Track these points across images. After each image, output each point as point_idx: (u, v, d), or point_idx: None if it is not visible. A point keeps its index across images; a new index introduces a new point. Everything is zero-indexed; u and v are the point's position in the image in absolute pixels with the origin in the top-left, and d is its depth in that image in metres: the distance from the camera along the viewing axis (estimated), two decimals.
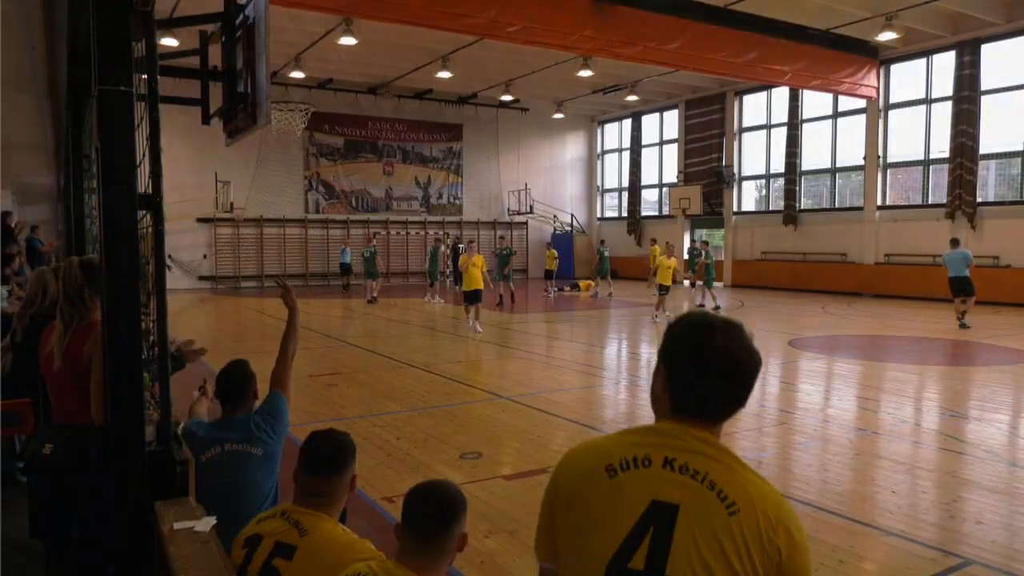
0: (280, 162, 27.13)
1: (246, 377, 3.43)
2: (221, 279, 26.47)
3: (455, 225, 30.87)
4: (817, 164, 24.91)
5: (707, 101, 28.00)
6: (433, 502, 2.11)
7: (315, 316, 17.90)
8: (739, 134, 27.34)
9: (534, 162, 32.79)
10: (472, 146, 31.25)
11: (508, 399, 8.28)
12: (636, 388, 9.18)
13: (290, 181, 27.48)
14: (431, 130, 30.28)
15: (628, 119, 31.92)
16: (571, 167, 33.94)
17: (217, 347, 12.60)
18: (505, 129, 31.75)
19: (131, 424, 2.73)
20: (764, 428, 7.14)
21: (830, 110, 24.23)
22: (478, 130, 31.20)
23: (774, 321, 16.42)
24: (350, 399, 8.32)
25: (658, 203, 31.81)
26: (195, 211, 25.37)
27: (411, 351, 12.07)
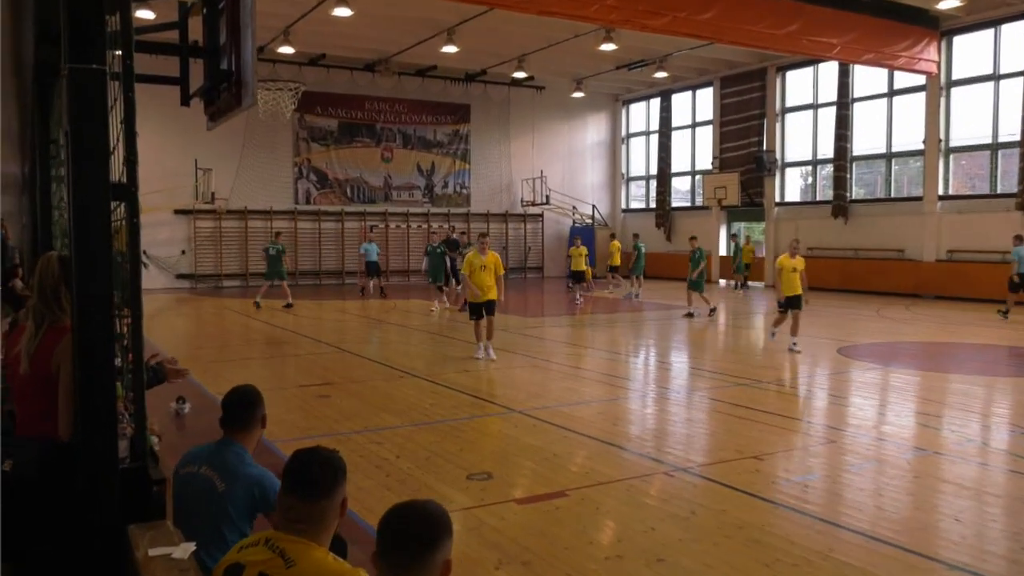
0: (267, 147, 27.28)
1: (248, 400, 3.44)
2: (201, 278, 26.64)
3: (462, 217, 30.92)
4: (870, 149, 24.75)
5: (745, 78, 27.89)
6: (411, 524, 2.08)
7: (306, 319, 17.97)
8: (782, 115, 27.20)
9: (550, 147, 32.78)
10: (481, 129, 31.29)
11: (521, 413, 8.28)
12: (665, 401, 9.15)
13: (278, 168, 27.63)
14: (435, 111, 30.36)
15: (656, 98, 31.86)
16: (592, 152, 33.91)
17: (197, 354, 12.68)
18: (518, 110, 31.76)
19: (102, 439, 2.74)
20: (810, 447, 7.10)
21: (885, 88, 24.07)
22: (487, 111, 31.23)
23: (822, 327, 16.32)
24: (344, 412, 8.35)
25: (690, 193, 31.72)
26: (173, 202, 25.54)
27: (412, 358, 12.08)
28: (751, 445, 7.02)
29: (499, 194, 31.84)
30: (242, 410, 3.40)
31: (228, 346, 13.92)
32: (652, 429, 7.88)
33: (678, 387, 10.05)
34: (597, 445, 7.07)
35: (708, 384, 10.24)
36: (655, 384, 10.39)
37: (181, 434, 7.50)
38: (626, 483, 6.00)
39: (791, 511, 5.39)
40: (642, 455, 6.76)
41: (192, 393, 8.78)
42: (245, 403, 3.42)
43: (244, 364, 11.60)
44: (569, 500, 5.56)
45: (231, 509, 3.15)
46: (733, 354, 13.08)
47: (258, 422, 3.43)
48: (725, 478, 6.08)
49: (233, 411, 3.40)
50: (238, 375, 10.63)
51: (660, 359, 12.59)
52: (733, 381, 10.16)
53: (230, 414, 3.40)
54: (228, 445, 3.33)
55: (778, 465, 6.51)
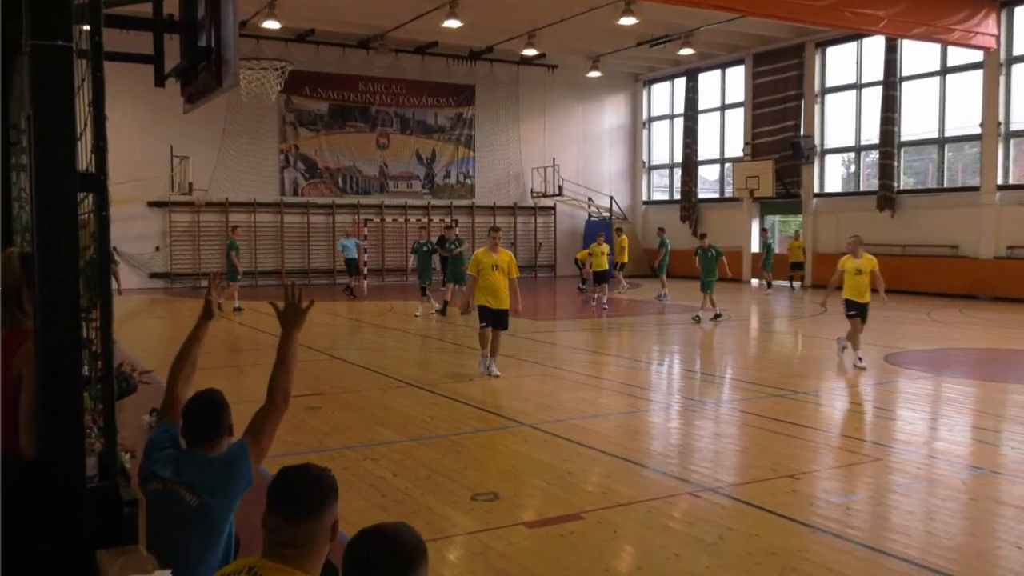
0: (250, 133, 27.37)
1: (213, 409, 3.44)
2: (177, 276, 26.75)
3: (465, 211, 30.97)
4: (920, 133, 24.66)
5: (781, 55, 27.83)
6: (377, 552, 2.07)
7: None
8: (821, 96, 27.13)
9: (564, 132, 32.79)
10: (487, 112, 31.32)
11: (531, 427, 8.28)
12: (691, 414, 9.14)
13: (262, 156, 27.72)
14: (436, 93, 30.40)
15: (681, 78, 31.82)
16: (610, 138, 33.90)
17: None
18: (528, 92, 31.78)
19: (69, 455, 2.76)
20: (854, 465, 7.08)
21: (937, 65, 23.97)
22: (494, 93, 31.27)
23: (865, 331, 16.24)
24: (336, 425, 8.37)
25: (719, 183, 31.65)
26: (146, 193, 25.64)
27: (410, 366, 12.09)
28: (787, 463, 7.00)
29: (507, 184, 31.86)
30: (205, 421, 3.39)
31: (208, 353, 13.89)
32: (676, 445, 7.86)
33: (705, 398, 10.03)
34: (615, 462, 7.06)
35: (739, 395, 10.21)
36: (680, 395, 10.38)
37: None
38: (647, 504, 5.99)
39: (831, 536, 5.37)
40: (665, 473, 6.75)
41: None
42: (207, 413, 3.41)
43: (226, 372, 11.63)
44: (584, 523, 5.56)
45: (208, 525, 3.16)
46: (767, 362, 13.04)
47: (224, 432, 3.43)
48: (757, 499, 6.06)
49: (194, 423, 3.40)
50: (219, 385, 10.61)
51: (685, 367, 12.57)
52: (767, 392, 10.13)
53: (190, 426, 3.40)
54: (193, 457, 3.34)
55: (816, 485, 6.49)
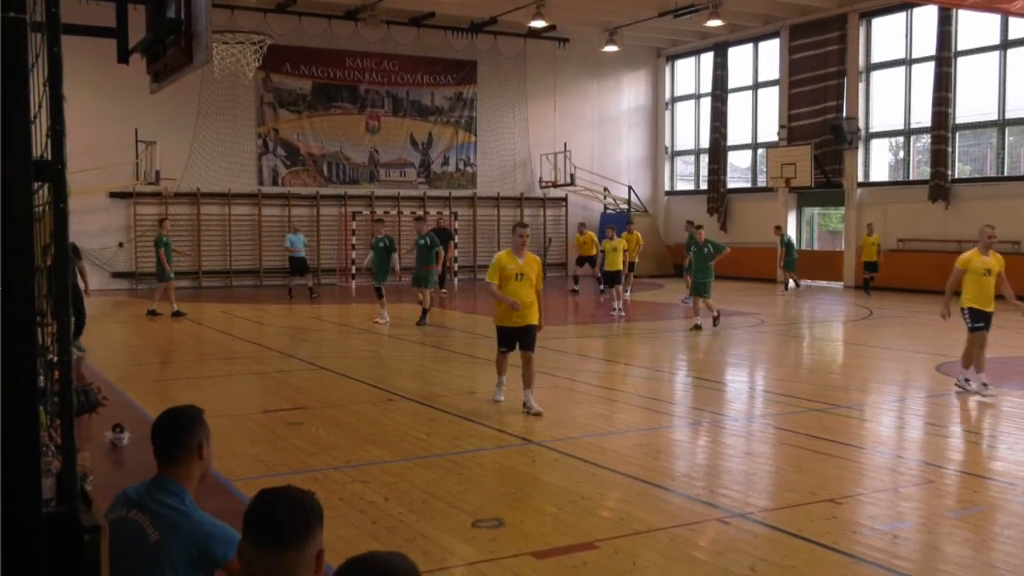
0: (225, 115, 27.46)
1: (181, 427, 3.44)
2: (144, 276, 26.80)
3: (466, 202, 31.00)
4: (977, 115, 24.60)
5: (821, 27, 27.81)
6: None
7: (271, 327, 18.05)
8: (866, 73, 27.09)
9: (577, 114, 32.82)
10: (490, 92, 31.36)
11: (540, 445, 8.29)
12: (719, 431, 9.14)
13: (238, 141, 27.81)
14: (433, 69, 30.46)
15: (709, 53, 31.82)
16: (629, 121, 33.92)
17: (139, 371, 12.77)
18: (536, 68, 31.82)
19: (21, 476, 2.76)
20: (901, 488, 7.07)
21: (996, 38, 23.92)
22: (498, 69, 31.31)
23: (916, 337, 16.24)
24: (320, 443, 8.38)
25: (751, 170, 31.63)
26: (108, 182, 25.74)
27: (405, 377, 12.10)
28: (827, 485, 7.00)
29: (512, 173, 31.89)
30: (171, 439, 3.40)
31: (177, 361, 14.00)
32: (703, 465, 7.86)
33: (735, 413, 10.02)
34: (634, 485, 7.06)
35: (773, 409, 10.20)
36: (706, 409, 10.37)
37: (118, 471, 7.55)
38: (670, 532, 5.99)
39: (876, 567, 5.37)
40: (690, 497, 6.75)
41: (132, 420, 8.83)
42: (174, 430, 3.42)
43: (196, 383, 11.66)
44: (599, 553, 5.56)
45: (166, 565, 3.16)
46: (805, 372, 13.03)
47: (193, 453, 3.42)
48: (793, 526, 6.06)
49: (163, 441, 3.40)
50: (188, 397, 10.60)
51: (713, 378, 12.56)
52: (804, 406, 10.12)
53: (160, 444, 3.40)
54: (162, 483, 3.34)
55: (860, 510, 6.48)
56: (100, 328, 17.72)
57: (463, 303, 23.83)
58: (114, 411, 9.50)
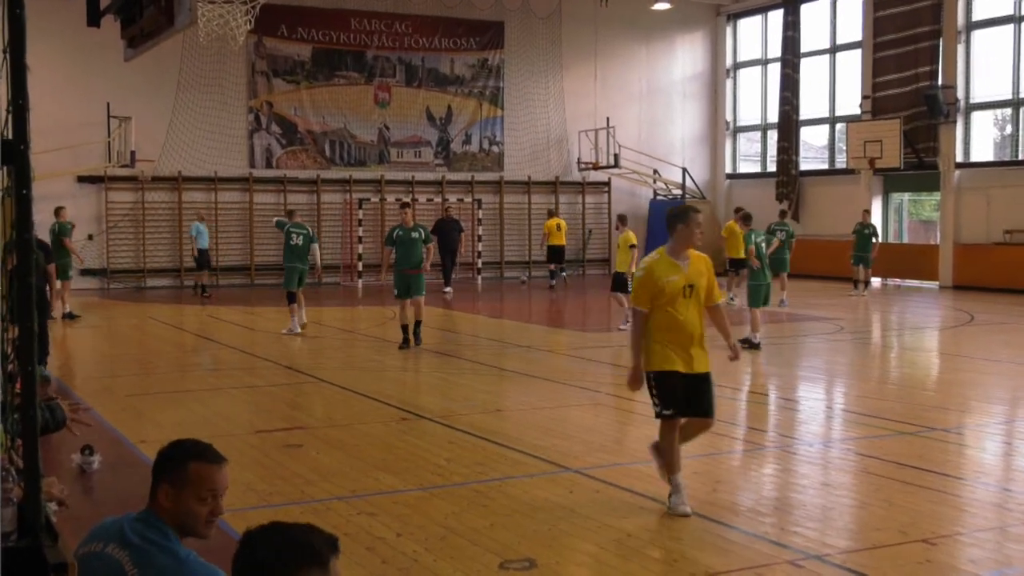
0: (211, 87, 27.65)
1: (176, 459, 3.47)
2: (116, 274, 27.08)
3: (491, 187, 31.00)
4: None
5: None
6: None
7: (263, 334, 18.13)
8: (966, 33, 26.83)
9: (621, 84, 32.74)
10: (520, 58, 31.35)
11: (579, 473, 8.26)
12: (790, 457, 9.07)
13: (227, 117, 28.01)
14: (452, 32, 30.51)
15: (777, 11, 31.63)
16: (683, 91, 33.78)
17: (112, 384, 12.86)
18: (574, 30, 31.79)
19: None
20: (1010, 527, 6.98)
21: None
22: (529, 31, 31.32)
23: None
24: (321, 469, 8.41)
25: (828, 149, 31.40)
26: (75, 165, 26.00)
27: (421, 392, 12.11)
28: (920, 523, 6.93)
29: (545, 153, 31.87)
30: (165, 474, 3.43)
31: (155, 373, 14.08)
32: (771, 498, 7.80)
33: (810, 436, 9.94)
34: (689, 520, 7.02)
35: (855, 432, 10.11)
36: (775, 431, 10.30)
37: (88, 500, 7.60)
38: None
39: None
40: (756, 536, 6.70)
41: (103, 441, 8.90)
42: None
43: (177, 399, 11.73)
44: None
45: None
46: (893, 388, 12.91)
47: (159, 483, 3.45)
48: (879, 571, 6.00)
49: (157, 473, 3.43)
50: (169, 415, 10.76)
51: (782, 394, 12.47)
52: (893, 428, 10.02)
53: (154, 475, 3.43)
54: (149, 519, 3.36)
55: (960, 552, 6.41)
56: (67, 334, 17.88)
57: (489, 305, 23.85)
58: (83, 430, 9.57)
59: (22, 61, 2.90)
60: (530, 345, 16.57)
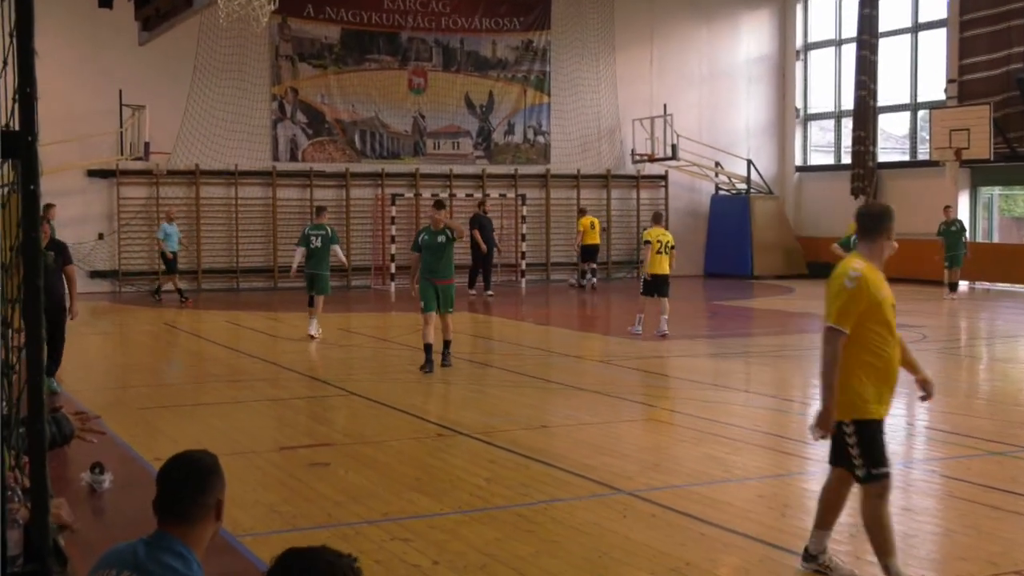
0: (231, 73, 27.88)
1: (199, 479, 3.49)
2: (128, 276, 27.32)
3: (536, 181, 30.96)
4: None
5: None
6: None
7: (288, 342, 18.23)
8: None
9: (680, 68, 32.64)
10: (568, 40, 31.33)
11: (633, 495, 8.23)
12: None
13: (248, 105, 28.21)
14: (494, 11, 30.57)
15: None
16: (748, 75, 33.61)
17: (123, 396, 12.99)
18: (628, 8, 31.75)
19: None
20: None
21: None
22: (579, 10, 31.31)
23: None
24: (351, 490, 8.43)
25: (909, 139, 31.10)
26: (85, 158, 26.28)
27: (458, 406, 12.11)
28: (1012, 552, 6.85)
29: (596, 144, 31.84)
30: (186, 491, 3.45)
31: (170, 384, 14.20)
32: (846, 524, 7.72)
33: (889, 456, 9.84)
34: (755, 548, 6.99)
35: (940, 452, 10.01)
36: None
37: (98, 521, 7.68)
38: None
39: None
40: None
41: (114, 458, 8.97)
42: (191, 480, 3.46)
43: (194, 413, 11.82)
44: None
45: None
46: (983, 403, 12.76)
47: (211, 511, 3.47)
48: None
49: (173, 492, 3.45)
50: (185, 430, 10.84)
51: None
52: (983, 448, 9.91)
53: (169, 496, 3.45)
54: (165, 542, 3.39)
55: None
56: (75, 341, 18.07)
57: (534, 311, 23.84)
58: (92, 448, 9.67)
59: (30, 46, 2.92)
60: (578, 354, 16.55)
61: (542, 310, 24.29)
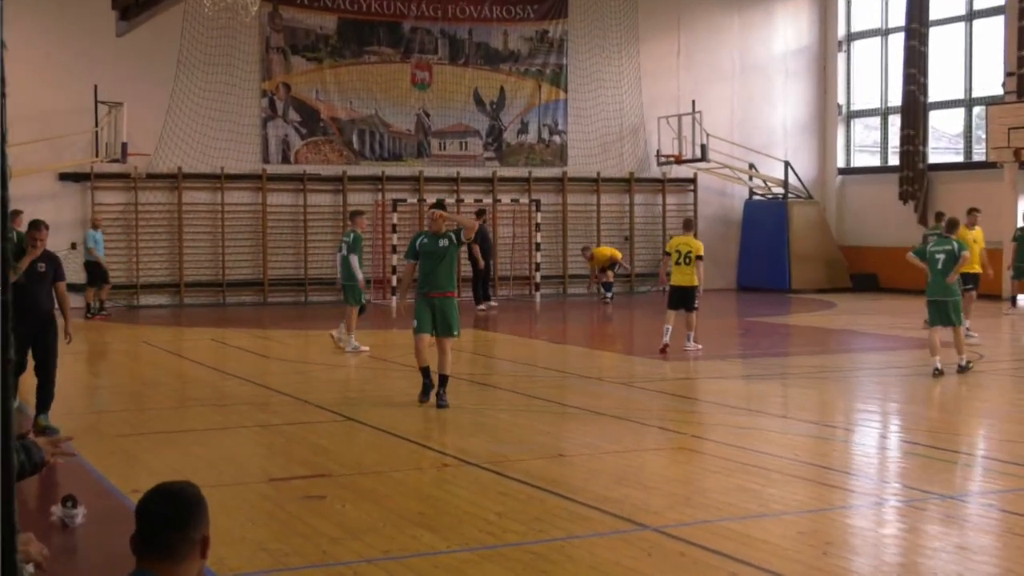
0: (218, 66, 27.95)
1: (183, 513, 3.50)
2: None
3: (552, 185, 30.96)
4: None
5: None
6: None
7: (279, 362, 18.23)
8: None
9: (710, 61, 32.68)
10: (587, 29, 31.39)
11: (659, 532, 8.21)
12: (918, 514, 8.96)
13: (236, 103, 28.27)
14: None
15: None
16: (785, 69, 33.60)
17: (98, 421, 13.01)
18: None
19: None
20: None
21: None
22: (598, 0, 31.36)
23: None
24: (349, 525, 8.43)
25: (963, 138, 31.03)
26: (57, 159, 26.35)
27: (466, 433, 12.09)
28: None
29: (617, 144, 31.85)
30: (168, 526, 3.46)
31: (150, 409, 14.20)
32: (896, 564, 7.71)
33: (942, 488, 9.81)
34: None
35: (1000, 484, 9.97)
36: (899, 482, 10.18)
37: (71, 560, 7.68)
38: None
39: None
40: None
41: (88, 490, 8.98)
42: (173, 514, 3.47)
43: (176, 440, 11.82)
44: None
45: None
46: None
47: (195, 547, 3.48)
48: None
49: (153, 527, 3.46)
50: (166, 459, 10.84)
51: (909, 437, 12.33)
52: None
53: (148, 532, 3.46)
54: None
55: None
56: None
57: (549, 328, 23.82)
58: (64, 477, 9.66)
59: None
60: (599, 376, 16.52)
61: (558, 327, 24.29)
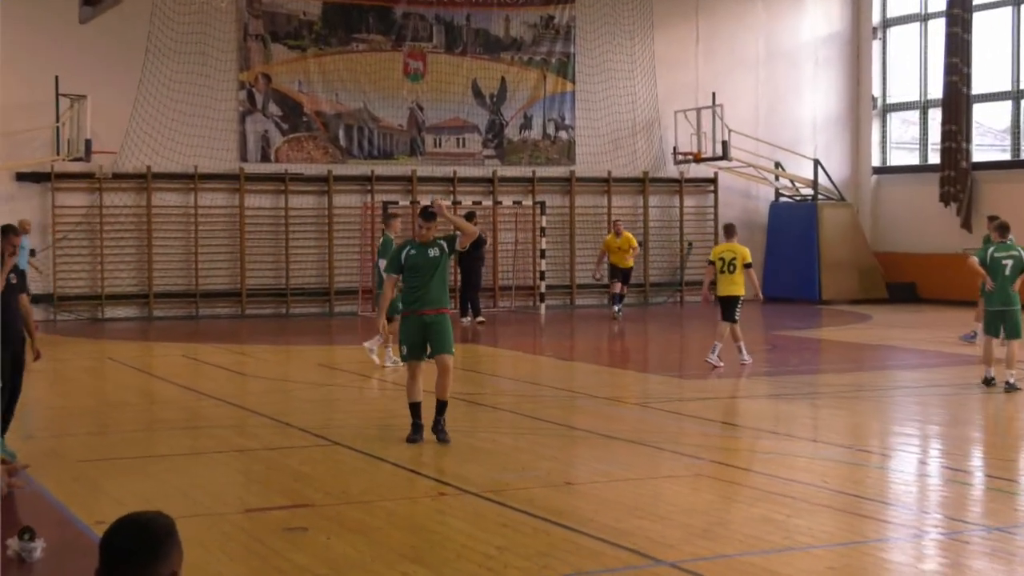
0: (191, 56, 27.99)
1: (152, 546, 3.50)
2: (66, 301, 27.36)
3: (559, 186, 30.97)
4: None
5: None
6: None
7: (258, 380, 18.23)
8: None
9: (732, 49, 32.76)
10: (596, 15, 31.46)
11: (676, 567, 8.21)
12: (961, 548, 8.95)
13: (210, 96, 28.30)
14: None
15: None
16: (815, 58, 33.66)
17: (60, 446, 13.00)
18: None
19: None
20: None
21: None
22: None
23: None
24: (334, 560, 8.42)
25: (1010, 134, 31.04)
26: (14, 157, 26.42)
27: (462, 459, 12.08)
28: None
29: (630, 141, 31.88)
30: (136, 560, 3.46)
31: (116, 432, 14.19)
32: None
33: (987, 520, 9.81)
34: None
35: None
36: (940, 512, 10.19)
37: None
38: None
39: None
40: None
41: (47, 521, 8.97)
42: (142, 548, 3.48)
43: (145, 466, 11.82)
44: None
45: None
46: None
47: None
48: None
49: (119, 562, 3.47)
50: (133, 487, 10.83)
51: (949, 463, 12.32)
52: None
53: (114, 567, 3.47)
54: None
55: None
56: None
57: (555, 342, 23.81)
58: (21, 508, 9.64)
59: None
60: (609, 396, 16.52)
61: (565, 342, 24.28)
